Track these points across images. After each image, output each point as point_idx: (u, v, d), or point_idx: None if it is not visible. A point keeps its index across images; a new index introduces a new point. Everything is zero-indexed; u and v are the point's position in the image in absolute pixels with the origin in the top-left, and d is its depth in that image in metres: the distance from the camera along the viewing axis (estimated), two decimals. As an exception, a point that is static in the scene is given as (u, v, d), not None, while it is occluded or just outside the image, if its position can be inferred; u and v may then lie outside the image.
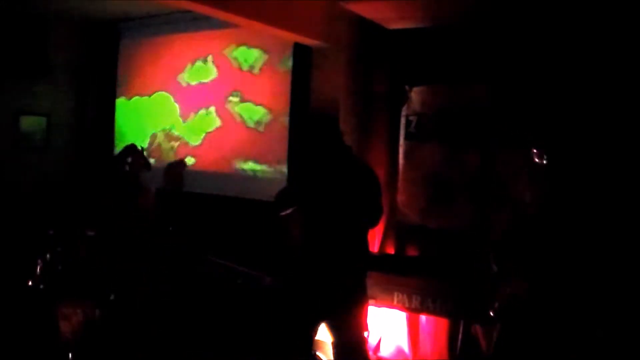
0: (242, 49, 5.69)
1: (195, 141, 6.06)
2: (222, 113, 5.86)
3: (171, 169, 5.01)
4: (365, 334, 3.44)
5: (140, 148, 4.64)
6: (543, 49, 4.01)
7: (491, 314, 3.48)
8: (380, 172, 4.12)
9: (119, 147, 6.66)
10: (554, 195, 3.84)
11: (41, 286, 3.80)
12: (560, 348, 3.29)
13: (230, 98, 5.79)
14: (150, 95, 6.52)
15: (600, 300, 3.44)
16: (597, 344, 3.26)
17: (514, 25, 4.13)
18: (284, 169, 5.31)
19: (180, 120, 6.22)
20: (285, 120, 5.33)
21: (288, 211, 3.39)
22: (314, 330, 3.39)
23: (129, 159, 4.51)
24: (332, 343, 3.40)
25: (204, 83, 6.02)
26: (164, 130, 6.37)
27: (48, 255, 3.89)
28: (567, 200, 3.83)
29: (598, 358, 3.24)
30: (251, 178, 5.59)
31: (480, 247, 3.90)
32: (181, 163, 5.20)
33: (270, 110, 5.47)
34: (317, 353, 3.99)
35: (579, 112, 3.87)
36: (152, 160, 4.92)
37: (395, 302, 4.19)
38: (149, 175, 4.74)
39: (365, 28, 4.64)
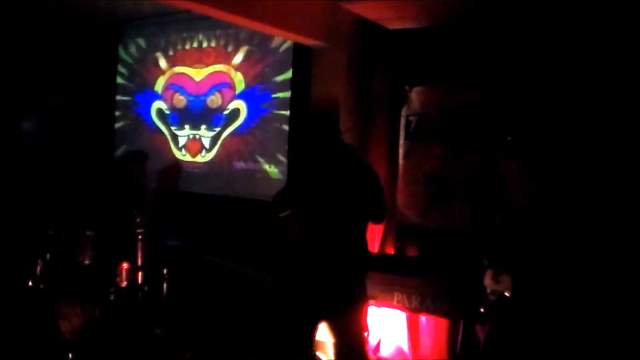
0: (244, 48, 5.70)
1: (195, 141, 6.07)
2: (221, 112, 5.87)
3: (167, 170, 5.05)
4: (365, 334, 3.43)
5: (143, 154, 4.69)
6: (543, 49, 4.02)
7: (482, 310, 3.49)
8: (380, 172, 4.11)
9: (118, 148, 6.69)
10: (548, 195, 3.86)
11: (41, 286, 3.80)
12: (551, 345, 3.30)
13: (231, 97, 5.81)
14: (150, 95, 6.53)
15: (593, 298, 3.45)
16: (591, 340, 3.27)
17: (514, 26, 4.13)
18: (284, 169, 5.31)
19: (181, 120, 6.23)
20: (285, 120, 5.34)
21: (286, 213, 3.39)
22: (314, 331, 3.39)
23: (133, 165, 4.55)
24: (332, 343, 3.40)
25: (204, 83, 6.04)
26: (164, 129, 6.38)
27: (48, 255, 3.89)
28: (562, 200, 3.84)
29: (592, 354, 3.25)
30: (251, 178, 5.59)
31: (476, 246, 3.92)
32: (176, 164, 5.23)
33: (270, 110, 5.48)
34: (317, 353, 3.99)
35: (578, 113, 3.87)
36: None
37: (395, 302, 4.18)
38: (149, 175, 4.77)
39: (365, 28, 4.64)
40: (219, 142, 5.87)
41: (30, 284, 3.80)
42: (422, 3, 4.06)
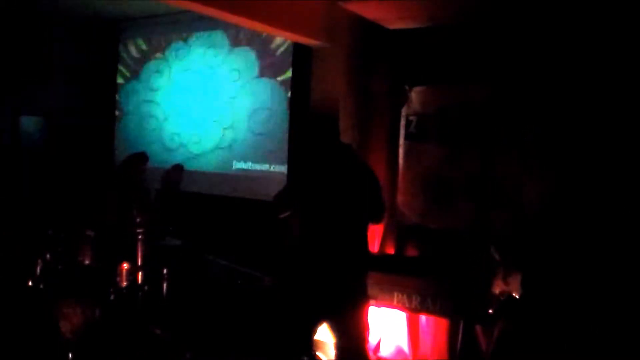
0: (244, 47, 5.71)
1: (195, 141, 6.07)
2: (221, 113, 5.87)
3: (169, 173, 5.08)
4: (366, 333, 3.43)
5: (145, 156, 4.73)
6: (543, 48, 4.01)
7: (490, 312, 3.49)
8: (380, 172, 4.12)
9: (119, 147, 6.69)
10: (553, 196, 3.85)
11: (41, 286, 3.80)
12: (559, 346, 3.30)
13: (231, 98, 5.81)
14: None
15: (600, 299, 3.44)
16: (597, 342, 3.26)
17: (513, 25, 4.13)
18: (284, 169, 5.32)
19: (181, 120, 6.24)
20: (285, 120, 5.34)
21: (286, 213, 3.39)
22: (314, 331, 3.39)
23: (135, 167, 4.57)
24: (333, 343, 3.41)
25: (203, 83, 6.04)
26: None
27: (48, 255, 3.89)
28: (567, 201, 3.84)
29: (599, 356, 3.25)
30: (251, 178, 5.59)
31: (480, 246, 3.91)
32: (178, 167, 5.25)
33: (270, 110, 5.48)
34: (317, 353, 3.99)
35: (579, 113, 3.87)
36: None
37: (395, 302, 4.18)
38: (149, 176, 4.78)
39: (365, 28, 4.64)
40: (219, 141, 5.88)
41: (30, 284, 3.79)
42: (422, 3, 4.06)
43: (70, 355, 3.41)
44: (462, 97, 4.35)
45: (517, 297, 3.47)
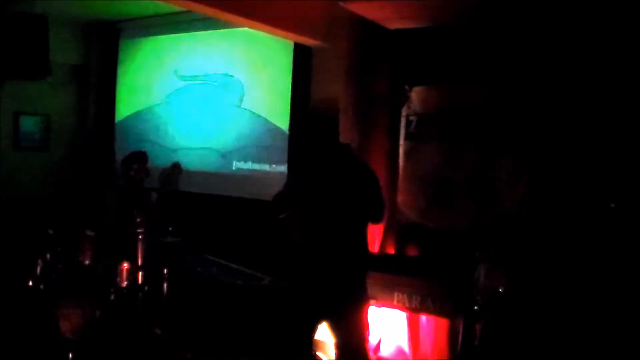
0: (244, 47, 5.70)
1: (195, 141, 6.07)
2: (221, 112, 5.87)
3: (167, 172, 5.08)
4: (366, 333, 3.44)
5: (146, 155, 4.73)
6: (543, 48, 4.02)
7: (475, 308, 3.50)
8: (380, 172, 4.12)
9: (118, 148, 6.69)
10: (549, 195, 3.86)
11: (41, 286, 3.80)
12: (545, 341, 3.31)
13: (230, 98, 5.81)
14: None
15: (588, 297, 3.46)
16: (585, 338, 3.28)
17: (514, 25, 4.14)
18: (284, 169, 5.31)
19: (181, 119, 6.23)
20: (285, 120, 5.33)
21: (286, 213, 3.39)
22: (314, 331, 3.39)
23: (135, 166, 4.58)
24: (333, 343, 3.41)
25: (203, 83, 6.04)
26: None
27: (48, 255, 3.89)
28: (562, 200, 3.85)
29: (587, 352, 3.26)
30: (251, 178, 5.59)
31: (475, 245, 3.92)
32: (176, 166, 5.26)
33: (270, 110, 5.48)
34: (317, 353, 3.99)
35: (579, 113, 3.88)
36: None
37: (395, 302, 4.18)
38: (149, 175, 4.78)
39: (365, 28, 4.64)
40: (219, 141, 5.88)
41: (30, 284, 3.79)
42: (422, 3, 4.06)
43: (70, 355, 3.41)
44: (462, 97, 4.36)
45: (501, 291, 3.49)
